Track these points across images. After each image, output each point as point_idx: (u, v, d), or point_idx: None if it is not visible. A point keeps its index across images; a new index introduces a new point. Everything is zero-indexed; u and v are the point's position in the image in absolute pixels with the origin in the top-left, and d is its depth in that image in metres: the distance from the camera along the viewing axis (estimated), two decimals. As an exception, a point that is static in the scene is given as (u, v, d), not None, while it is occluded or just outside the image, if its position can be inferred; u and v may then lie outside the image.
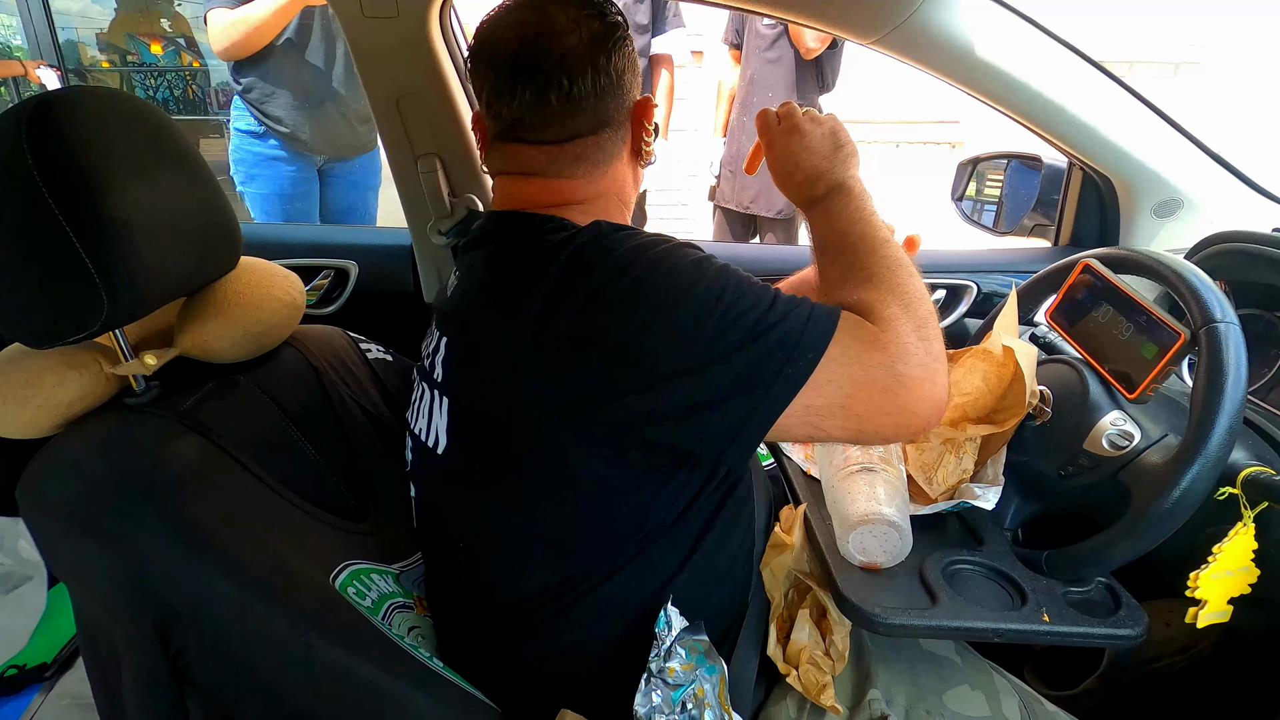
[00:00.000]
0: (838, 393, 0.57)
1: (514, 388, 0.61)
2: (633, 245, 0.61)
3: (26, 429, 0.66)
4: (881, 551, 0.71)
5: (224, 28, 1.78)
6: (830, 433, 0.60)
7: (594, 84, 0.66)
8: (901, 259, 0.65)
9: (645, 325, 0.57)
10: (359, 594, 0.68)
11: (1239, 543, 0.65)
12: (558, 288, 0.60)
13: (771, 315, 0.58)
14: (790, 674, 0.71)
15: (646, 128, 0.72)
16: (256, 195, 2.04)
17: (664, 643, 0.63)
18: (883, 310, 0.60)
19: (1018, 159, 1.31)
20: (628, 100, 0.70)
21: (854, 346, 0.58)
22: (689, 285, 0.58)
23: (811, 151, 0.73)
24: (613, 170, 0.71)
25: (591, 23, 0.66)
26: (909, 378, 0.58)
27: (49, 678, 1.19)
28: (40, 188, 0.56)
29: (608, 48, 0.66)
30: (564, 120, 0.67)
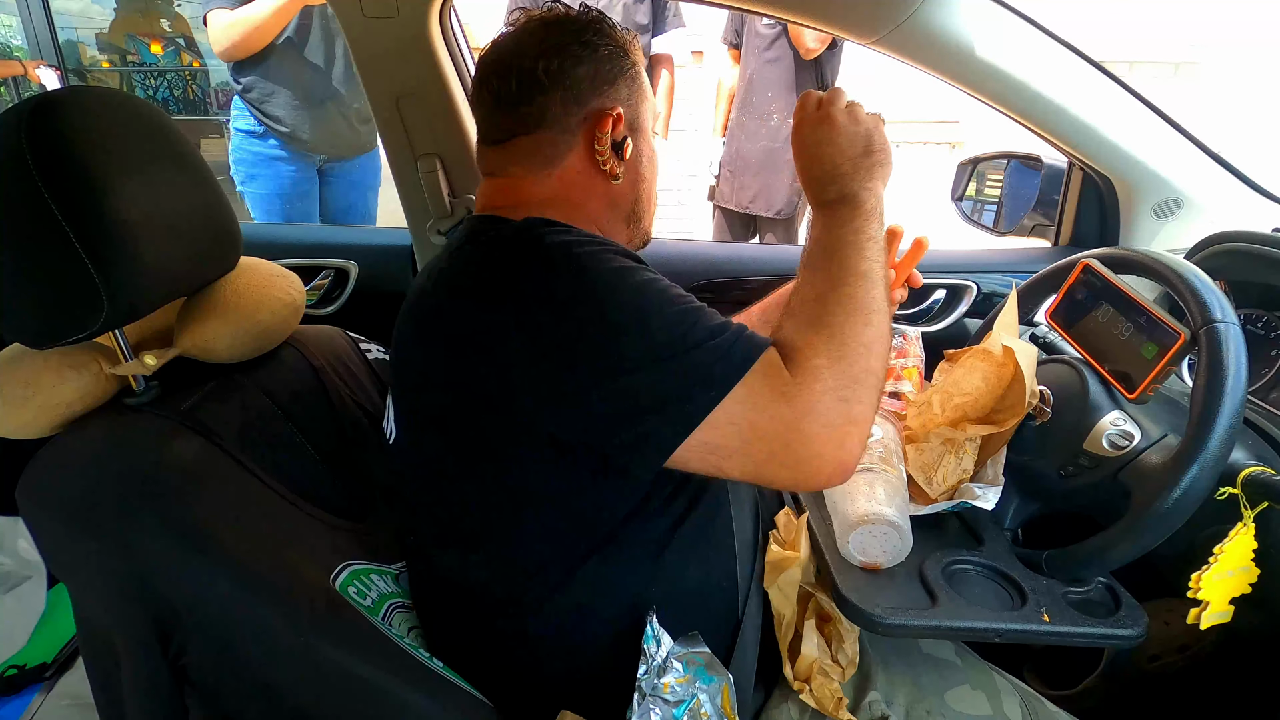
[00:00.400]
0: (736, 435, 0.56)
1: (433, 386, 0.64)
2: (556, 243, 0.61)
3: (26, 429, 0.66)
4: (881, 552, 0.71)
5: (224, 28, 1.78)
6: (728, 472, 0.58)
7: (519, 85, 0.69)
8: (867, 304, 0.62)
9: (549, 326, 0.57)
10: (359, 594, 0.68)
11: (1239, 543, 0.65)
12: (475, 286, 0.61)
13: (683, 342, 0.56)
14: (804, 690, 0.71)
15: (599, 137, 0.70)
16: (257, 195, 2.04)
17: (654, 659, 0.61)
18: (809, 359, 0.58)
19: (1018, 159, 1.31)
20: (575, 106, 0.70)
21: (762, 394, 0.56)
22: (602, 294, 0.58)
23: (836, 148, 0.69)
24: (561, 174, 0.71)
25: (546, 33, 0.70)
26: (810, 436, 0.56)
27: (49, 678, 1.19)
28: (40, 188, 0.56)
29: (544, 53, 0.69)
30: (501, 120, 0.72)
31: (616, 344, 0.57)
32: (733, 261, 1.30)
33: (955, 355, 0.85)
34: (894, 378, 0.91)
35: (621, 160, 0.73)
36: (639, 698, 0.60)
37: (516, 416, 0.60)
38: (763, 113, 2.35)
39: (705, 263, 1.29)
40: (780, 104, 2.33)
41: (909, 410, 0.85)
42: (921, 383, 0.91)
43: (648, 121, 0.76)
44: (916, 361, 0.93)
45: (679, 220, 4.52)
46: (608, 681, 0.65)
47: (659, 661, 0.62)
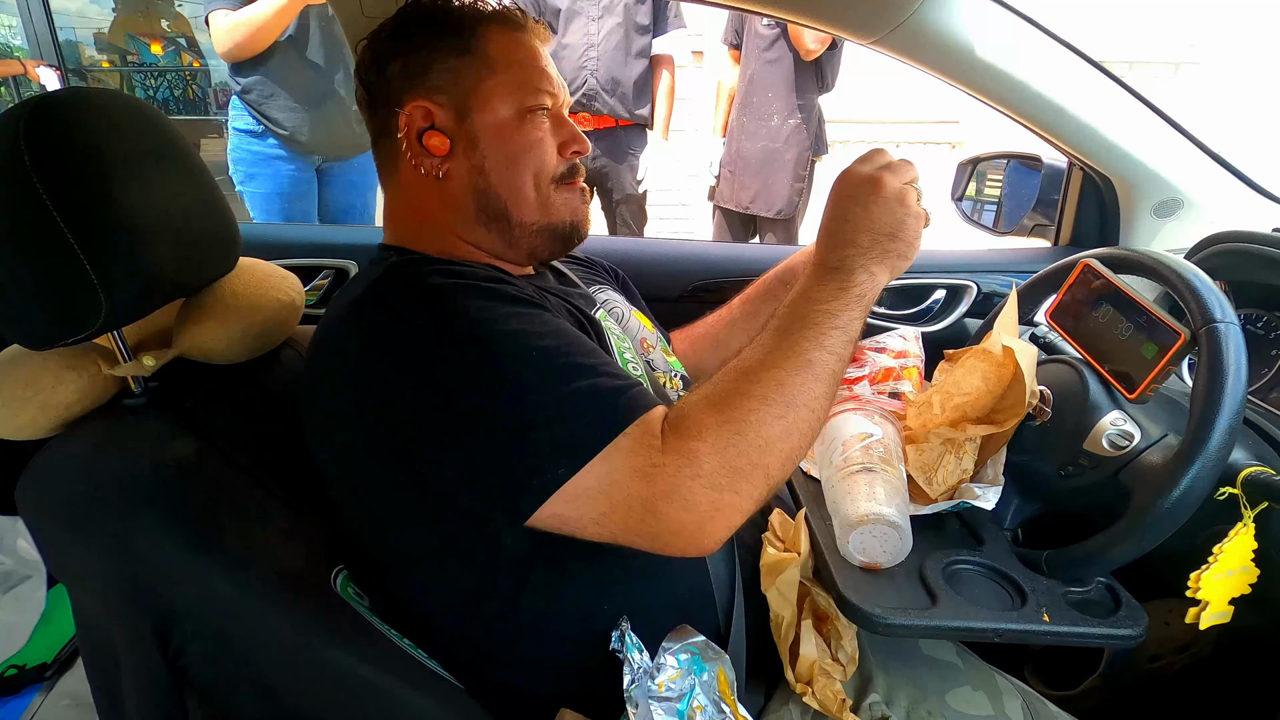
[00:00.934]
0: (591, 509, 0.54)
1: (321, 424, 0.64)
2: (424, 287, 0.58)
3: (25, 430, 0.66)
4: (882, 552, 0.71)
5: (227, 30, 1.78)
6: (583, 536, 0.56)
7: (363, 95, 0.69)
8: (791, 395, 0.56)
9: (399, 381, 0.55)
10: (358, 594, 0.68)
11: (1239, 543, 0.65)
12: (344, 328, 0.61)
13: (540, 408, 0.53)
14: (806, 693, 0.71)
15: (399, 138, 0.66)
16: (256, 194, 2.04)
17: (638, 665, 0.60)
18: (690, 440, 0.53)
19: (1018, 159, 1.31)
20: (394, 109, 0.67)
21: (621, 469, 0.53)
22: (463, 346, 0.55)
23: (868, 213, 0.63)
24: (402, 185, 0.69)
25: (379, 30, 0.69)
26: (668, 516, 0.53)
27: (49, 678, 1.19)
28: (38, 188, 0.56)
29: (367, 56, 0.68)
30: (368, 123, 0.72)
31: (468, 404, 0.54)
32: (732, 261, 1.30)
33: (955, 355, 0.85)
34: (894, 378, 0.91)
35: (433, 156, 0.67)
36: (632, 708, 0.59)
37: (389, 465, 0.59)
38: (763, 113, 2.36)
39: (704, 263, 1.29)
40: (780, 104, 2.33)
41: (909, 410, 0.85)
42: (921, 383, 0.91)
43: (500, 99, 0.67)
44: (916, 362, 0.93)
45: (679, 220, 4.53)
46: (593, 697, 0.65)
47: (646, 665, 0.61)
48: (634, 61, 2.23)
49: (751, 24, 2.35)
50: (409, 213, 0.69)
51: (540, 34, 0.72)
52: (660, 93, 2.32)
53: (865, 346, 0.98)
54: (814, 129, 2.38)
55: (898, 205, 0.64)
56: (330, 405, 0.61)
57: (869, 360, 0.94)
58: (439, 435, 0.55)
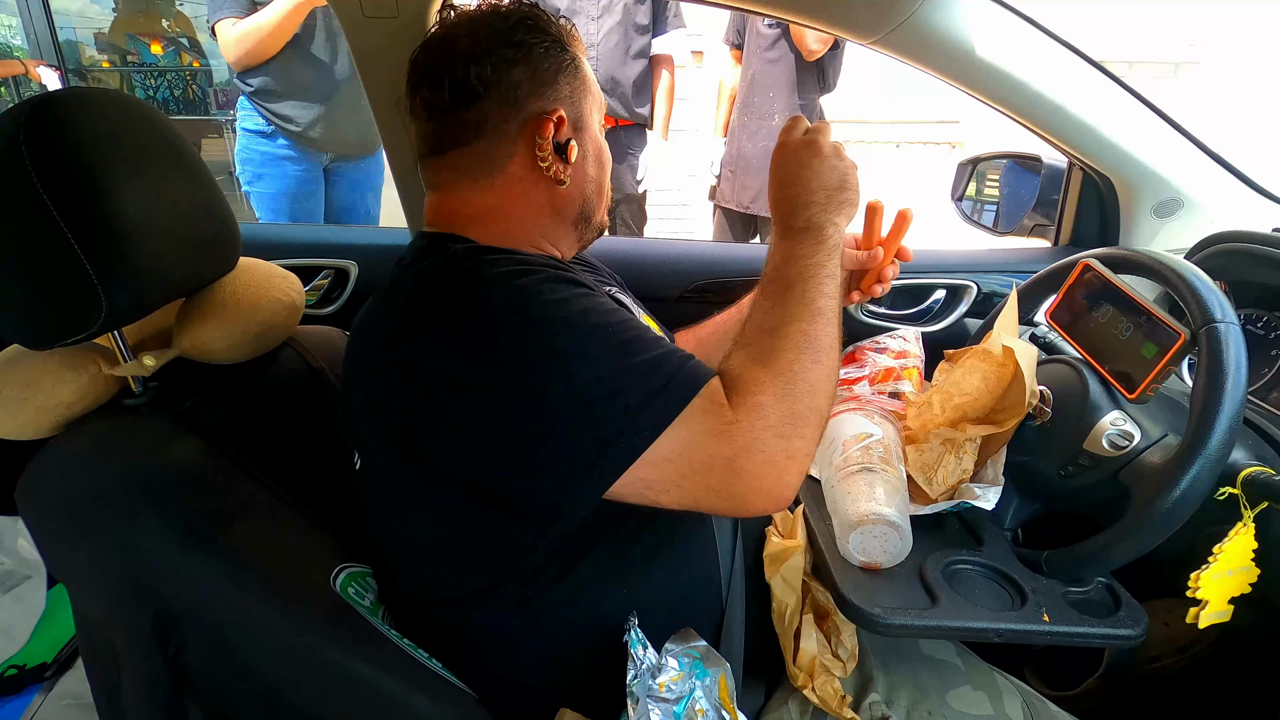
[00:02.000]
0: (673, 472, 0.56)
1: (382, 410, 0.63)
2: (494, 273, 0.59)
3: (25, 430, 0.66)
4: (882, 552, 0.71)
5: (236, 39, 1.79)
6: (663, 504, 0.58)
7: (453, 95, 0.66)
8: (815, 340, 0.62)
9: (480, 365, 0.56)
10: (358, 595, 0.68)
11: (1239, 543, 0.65)
12: (414, 310, 0.60)
13: (620, 377, 0.56)
14: (807, 687, 0.71)
15: (540, 142, 0.68)
16: (263, 195, 2.04)
17: (642, 661, 0.61)
18: (753, 395, 0.58)
19: (1017, 159, 1.31)
20: (514, 111, 0.68)
21: (699, 430, 0.56)
22: (536, 327, 0.56)
23: (816, 175, 0.69)
24: (504, 184, 0.69)
25: (474, 33, 0.67)
26: (749, 472, 0.56)
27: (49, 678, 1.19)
28: (38, 188, 0.56)
29: (476, 57, 0.66)
30: (436, 131, 0.69)
31: (549, 377, 0.55)
32: (732, 261, 1.30)
33: (955, 355, 0.85)
34: (894, 378, 0.91)
35: (567, 164, 0.70)
36: (633, 703, 0.59)
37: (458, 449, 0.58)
38: (764, 113, 2.35)
39: (705, 263, 1.29)
40: (782, 104, 2.33)
41: (909, 410, 0.85)
42: (921, 383, 0.91)
43: (592, 116, 0.73)
44: (916, 362, 0.93)
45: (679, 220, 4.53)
46: (590, 690, 0.65)
47: (650, 663, 0.61)
48: (633, 61, 2.23)
49: (753, 24, 2.35)
50: (505, 211, 0.70)
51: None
52: (660, 92, 2.32)
53: (865, 346, 0.98)
54: None
55: (836, 160, 0.71)
56: (391, 388, 0.61)
57: (869, 360, 0.94)
58: (521, 410, 0.56)
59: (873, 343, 0.98)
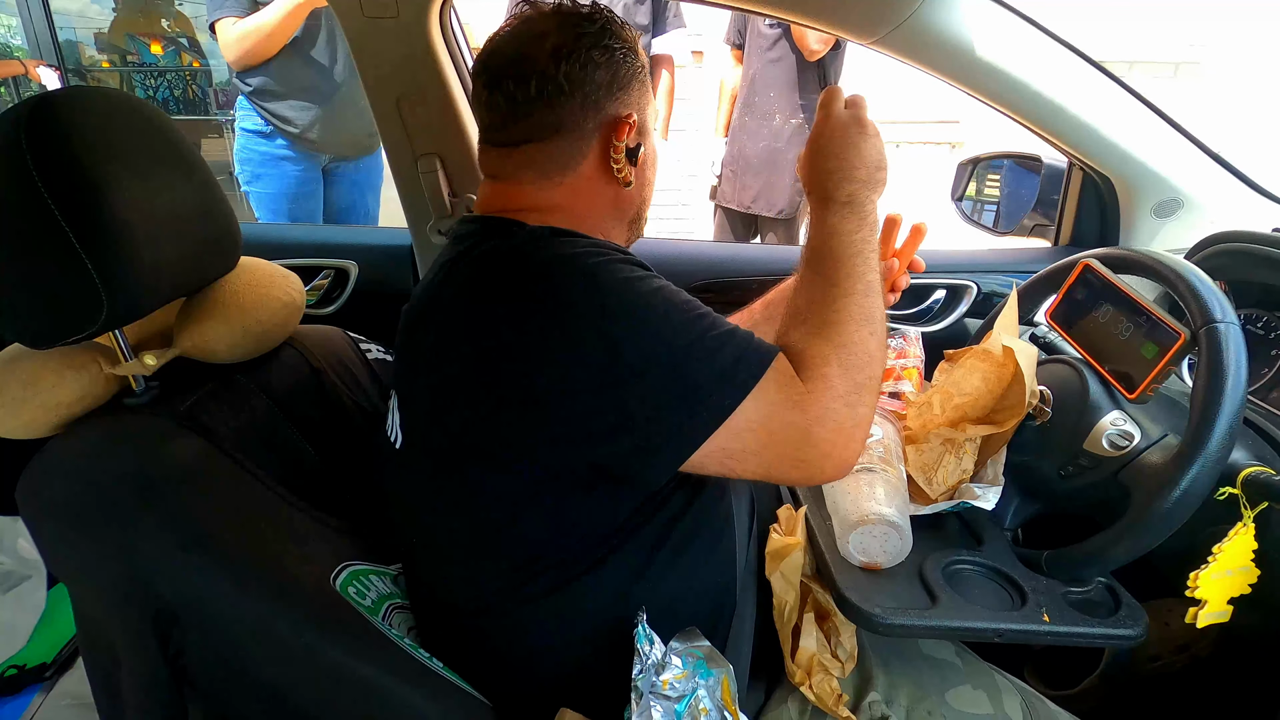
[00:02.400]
0: (752, 441, 0.59)
1: (441, 388, 0.63)
2: (569, 253, 0.61)
3: (26, 429, 0.66)
4: (882, 552, 0.71)
5: (237, 39, 1.78)
6: (739, 472, 0.61)
7: (539, 91, 0.66)
8: (870, 313, 0.65)
9: (559, 339, 0.58)
10: (358, 594, 0.68)
11: (1239, 543, 0.65)
12: (480, 291, 0.61)
13: (698, 348, 0.58)
14: (804, 684, 0.71)
15: (616, 145, 0.69)
16: (262, 195, 2.04)
17: (648, 657, 0.61)
18: (820, 368, 0.60)
19: (1017, 159, 1.31)
20: (592, 112, 0.68)
21: (775, 402, 0.59)
22: (614, 303, 0.58)
23: (860, 152, 0.70)
24: (572, 182, 0.70)
25: (559, 32, 0.67)
26: (822, 440, 0.59)
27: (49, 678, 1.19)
28: (39, 188, 0.56)
29: (561, 56, 0.66)
30: (511, 125, 0.69)
31: (632, 351, 0.57)
32: (733, 261, 1.30)
33: (955, 355, 0.85)
34: (894, 378, 0.91)
35: (635, 167, 0.72)
36: (636, 697, 0.60)
37: (531, 423, 0.59)
38: (765, 113, 2.35)
39: (705, 263, 1.29)
40: (783, 104, 2.33)
41: (909, 410, 0.85)
42: (921, 383, 0.91)
43: (652, 122, 0.76)
44: (916, 362, 0.93)
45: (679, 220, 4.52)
46: (602, 681, 0.65)
47: (655, 659, 0.62)
48: (634, 61, 2.23)
49: (754, 24, 2.35)
50: (570, 207, 0.71)
51: None
52: (660, 93, 2.32)
53: (865, 346, 0.98)
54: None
55: (878, 139, 0.72)
56: (469, 368, 0.61)
57: (869, 360, 0.94)
58: (616, 386, 0.57)
59: (873, 343, 0.98)
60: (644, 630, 0.62)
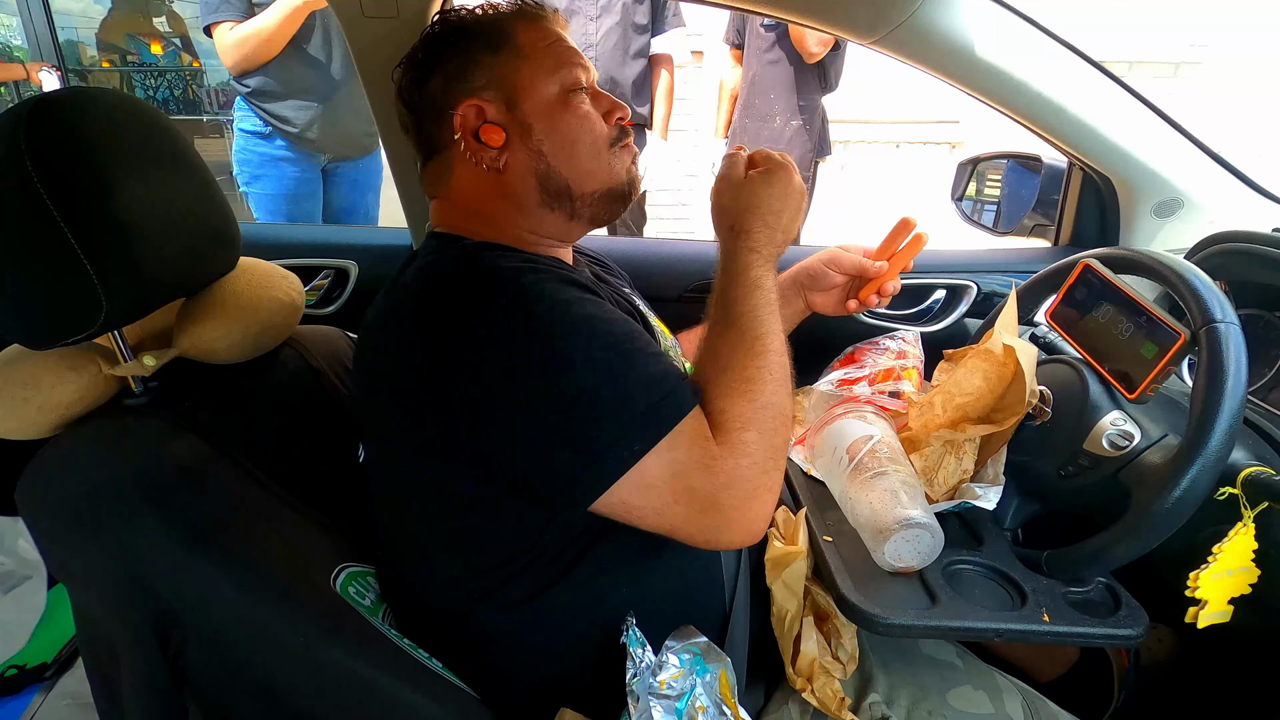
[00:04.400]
0: (655, 498, 0.57)
1: (389, 400, 0.63)
2: (496, 269, 0.60)
3: (26, 430, 0.66)
4: (915, 554, 0.71)
5: (235, 43, 1.77)
6: (641, 525, 0.59)
7: (404, 122, 0.74)
8: (785, 372, 0.63)
9: (483, 359, 0.56)
10: (358, 594, 0.68)
11: (1239, 543, 0.65)
12: (422, 302, 0.61)
13: (611, 388, 0.56)
14: (806, 690, 0.71)
15: (455, 139, 0.68)
16: (261, 195, 2.03)
17: (641, 660, 0.61)
18: (739, 432, 0.58)
19: (1017, 159, 1.31)
20: (440, 118, 0.70)
21: (684, 462, 0.56)
22: (538, 327, 0.57)
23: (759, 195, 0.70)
24: (460, 187, 0.71)
25: (410, 58, 0.72)
26: (729, 506, 0.57)
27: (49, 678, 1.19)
28: (38, 188, 0.56)
29: (402, 82, 0.71)
30: (416, 145, 0.74)
31: (547, 383, 0.55)
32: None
33: (956, 355, 0.85)
34: (894, 378, 0.91)
35: (490, 149, 0.68)
36: (633, 701, 0.60)
37: (453, 441, 0.59)
38: (765, 115, 2.35)
39: (705, 263, 1.29)
40: (783, 105, 2.32)
41: (910, 411, 0.85)
42: (921, 383, 0.91)
43: (538, 86, 0.69)
44: (916, 362, 0.93)
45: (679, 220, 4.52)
46: (590, 685, 0.65)
47: (650, 662, 0.61)
48: (632, 61, 2.22)
49: (753, 24, 2.34)
50: (474, 211, 0.71)
51: (559, 21, 0.74)
52: (659, 92, 2.32)
53: (865, 347, 0.98)
54: (817, 130, 2.37)
55: (779, 188, 0.71)
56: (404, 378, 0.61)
57: (869, 360, 0.95)
58: (518, 413, 0.56)
59: (872, 343, 0.98)
60: (634, 634, 0.62)
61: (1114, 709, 0.91)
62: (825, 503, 0.82)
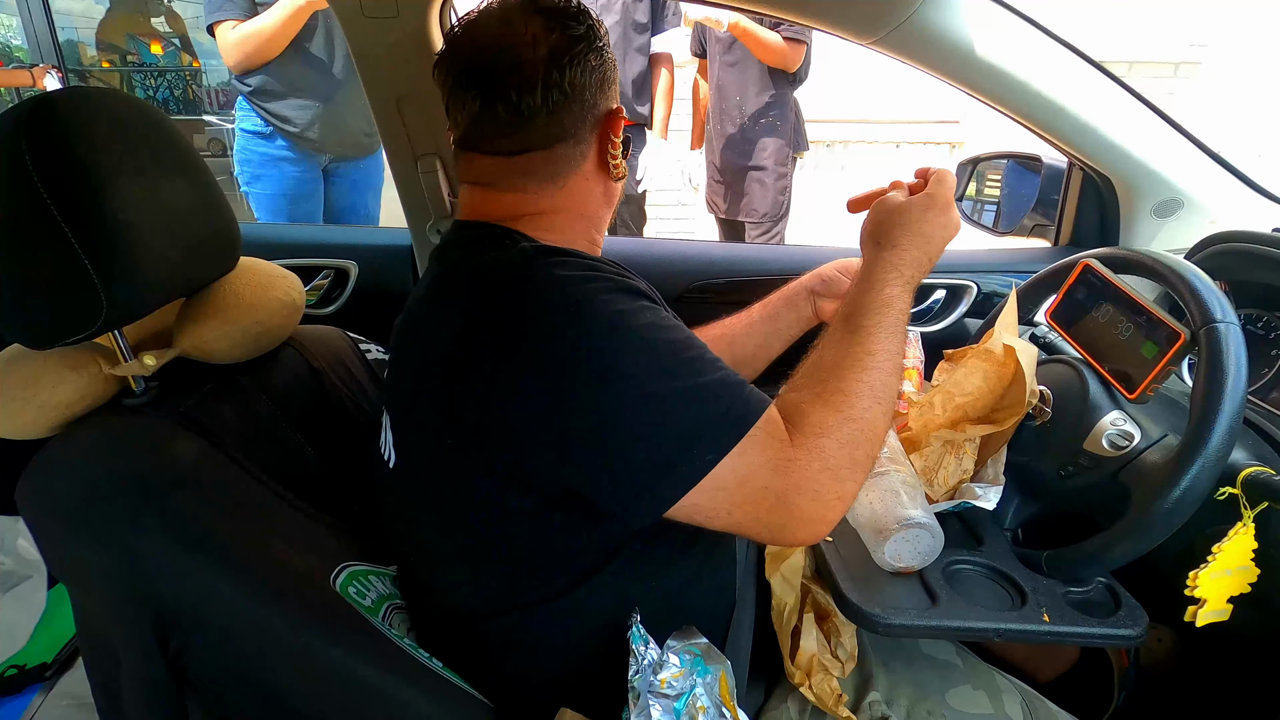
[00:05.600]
0: (725, 500, 0.56)
1: (433, 409, 0.61)
2: (560, 277, 0.59)
3: (26, 430, 0.66)
4: (915, 554, 0.71)
5: (237, 42, 1.77)
6: (706, 526, 0.59)
7: (544, 99, 0.64)
8: (890, 392, 0.63)
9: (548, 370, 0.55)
10: (358, 594, 0.68)
11: (1239, 542, 0.65)
12: (480, 309, 0.59)
13: (682, 398, 0.55)
14: (804, 685, 0.71)
15: (614, 140, 0.68)
16: (262, 195, 2.04)
17: (644, 658, 0.61)
18: (817, 437, 0.58)
19: (1017, 159, 1.31)
20: (590, 114, 0.67)
21: (757, 463, 0.56)
22: (604, 337, 0.56)
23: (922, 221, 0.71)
24: (571, 185, 0.69)
25: (551, 35, 0.64)
26: (798, 508, 0.57)
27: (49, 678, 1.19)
28: (39, 188, 0.56)
29: (562, 62, 0.64)
30: (512, 133, 0.65)
31: (615, 394, 0.55)
32: (733, 261, 1.30)
33: (956, 355, 0.85)
34: (894, 378, 0.91)
35: (624, 157, 0.70)
36: (634, 698, 0.60)
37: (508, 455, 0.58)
38: (734, 117, 2.29)
39: (705, 263, 1.29)
40: (750, 105, 2.26)
41: (911, 411, 0.85)
42: (921, 383, 0.91)
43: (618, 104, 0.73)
44: (916, 362, 0.93)
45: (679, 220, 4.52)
46: (601, 681, 0.65)
47: (652, 659, 0.61)
48: (632, 60, 2.22)
49: (710, 31, 2.29)
50: (569, 209, 0.69)
51: None
52: (659, 92, 2.31)
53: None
54: (790, 125, 2.29)
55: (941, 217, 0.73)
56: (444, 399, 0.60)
57: (869, 360, 0.94)
58: (586, 429, 0.55)
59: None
60: (638, 631, 0.62)
61: (1114, 709, 0.91)
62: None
